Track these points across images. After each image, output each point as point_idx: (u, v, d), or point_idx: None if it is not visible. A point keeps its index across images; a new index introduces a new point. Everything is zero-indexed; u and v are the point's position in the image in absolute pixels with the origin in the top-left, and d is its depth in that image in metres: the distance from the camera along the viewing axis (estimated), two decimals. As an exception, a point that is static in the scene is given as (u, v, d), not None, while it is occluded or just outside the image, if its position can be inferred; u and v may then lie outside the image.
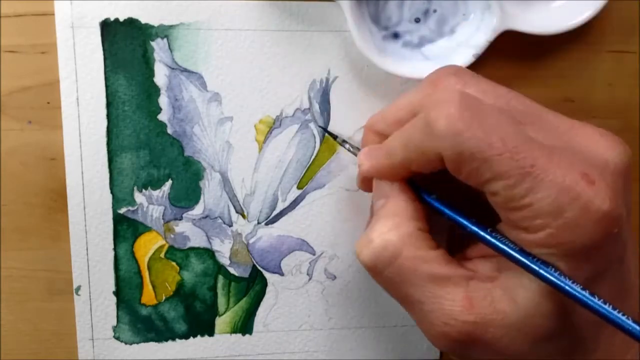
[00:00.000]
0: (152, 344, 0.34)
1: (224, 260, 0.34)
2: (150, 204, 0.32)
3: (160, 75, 0.31)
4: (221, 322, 0.34)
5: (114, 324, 0.33)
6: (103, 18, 0.30)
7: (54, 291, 0.33)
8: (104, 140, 0.31)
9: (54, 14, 0.30)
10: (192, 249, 0.33)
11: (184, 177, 0.32)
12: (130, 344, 0.34)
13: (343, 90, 0.33)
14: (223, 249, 0.33)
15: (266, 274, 0.34)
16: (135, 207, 0.32)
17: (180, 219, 0.33)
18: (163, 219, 0.33)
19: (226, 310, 0.34)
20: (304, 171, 0.33)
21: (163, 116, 0.32)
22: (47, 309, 0.33)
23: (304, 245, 0.34)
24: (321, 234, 0.34)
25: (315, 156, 0.33)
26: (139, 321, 0.34)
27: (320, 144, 0.33)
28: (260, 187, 0.33)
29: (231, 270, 0.34)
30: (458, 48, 0.32)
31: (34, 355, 0.34)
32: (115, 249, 0.33)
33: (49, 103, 0.31)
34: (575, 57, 0.34)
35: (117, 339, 0.34)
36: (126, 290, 0.33)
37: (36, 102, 0.31)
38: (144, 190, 0.32)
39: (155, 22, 0.31)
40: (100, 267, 0.33)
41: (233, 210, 0.33)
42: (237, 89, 0.32)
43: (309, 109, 0.32)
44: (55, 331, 0.33)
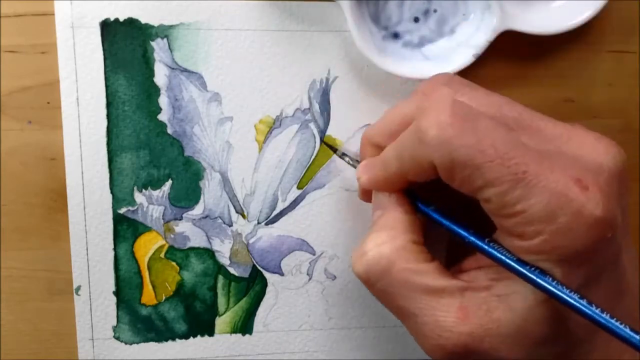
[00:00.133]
0: (152, 344, 0.34)
1: (224, 260, 0.34)
2: (150, 204, 0.32)
3: (160, 75, 0.31)
4: (221, 322, 0.34)
5: (114, 324, 0.33)
6: (103, 18, 0.30)
7: (54, 291, 0.33)
8: (104, 140, 0.31)
9: (54, 14, 0.30)
10: (192, 249, 0.33)
11: (184, 177, 0.32)
12: (130, 344, 0.34)
13: (343, 90, 0.33)
14: (223, 249, 0.33)
15: (266, 274, 0.34)
16: (135, 207, 0.32)
17: (180, 219, 0.33)
18: (163, 219, 0.33)
19: (226, 310, 0.34)
20: (304, 171, 0.33)
21: (163, 116, 0.32)
22: (47, 309, 0.33)
23: (304, 245, 0.34)
24: (321, 234, 0.34)
25: (315, 156, 0.33)
26: (139, 321, 0.34)
27: (320, 144, 0.33)
28: (260, 187, 0.33)
29: (231, 270, 0.34)
30: (458, 48, 0.32)
31: (34, 355, 0.34)
32: (115, 249, 0.33)
33: (49, 103, 0.31)
34: (575, 57, 0.34)
35: (117, 339, 0.34)
36: (126, 290, 0.33)
37: (36, 102, 0.31)
38: (144, 190, 0.32)
39: (155, 22, 0.31)
40: (100, 267, 0.33)
41: (233, 210, 0.33)
42: (237, 89, 0.32)
43: (309, 109, 0.32)
44: (55, 331, 0.33)
